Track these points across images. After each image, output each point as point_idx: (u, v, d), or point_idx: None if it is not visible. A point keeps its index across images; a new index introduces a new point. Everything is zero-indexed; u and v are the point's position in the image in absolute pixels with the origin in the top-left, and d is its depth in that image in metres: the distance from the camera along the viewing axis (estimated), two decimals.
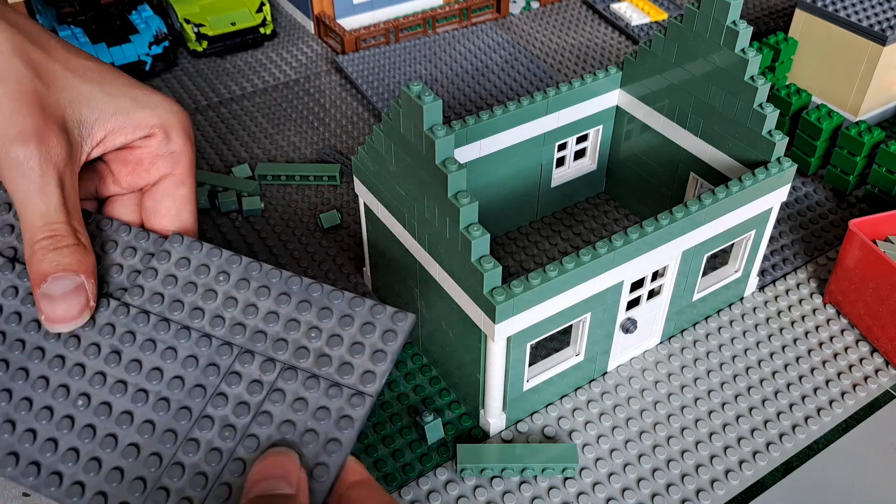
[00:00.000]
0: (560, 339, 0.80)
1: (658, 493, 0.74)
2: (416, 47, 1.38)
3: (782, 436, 0.79)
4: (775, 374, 0.84)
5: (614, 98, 0.97)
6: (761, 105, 0.80)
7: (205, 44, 1.36)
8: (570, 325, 0.77)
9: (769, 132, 0.80)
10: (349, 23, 1.45)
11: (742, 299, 0.92)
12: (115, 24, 1.32)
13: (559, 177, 1.02)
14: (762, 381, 0.84)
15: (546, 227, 1.02)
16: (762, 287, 0.94)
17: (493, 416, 0.77)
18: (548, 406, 0.81)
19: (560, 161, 1.01)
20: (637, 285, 0.80)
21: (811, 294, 0.93)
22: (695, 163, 0.91)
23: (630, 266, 0.74)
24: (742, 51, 0.80)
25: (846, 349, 0.87)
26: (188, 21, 1.35)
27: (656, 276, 0.81)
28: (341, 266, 0.96)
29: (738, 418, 0.80)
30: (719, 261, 0.90)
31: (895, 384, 0.84)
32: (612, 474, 0.75)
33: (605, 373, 0.84)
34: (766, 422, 0.80)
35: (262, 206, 1.04)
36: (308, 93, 1.29)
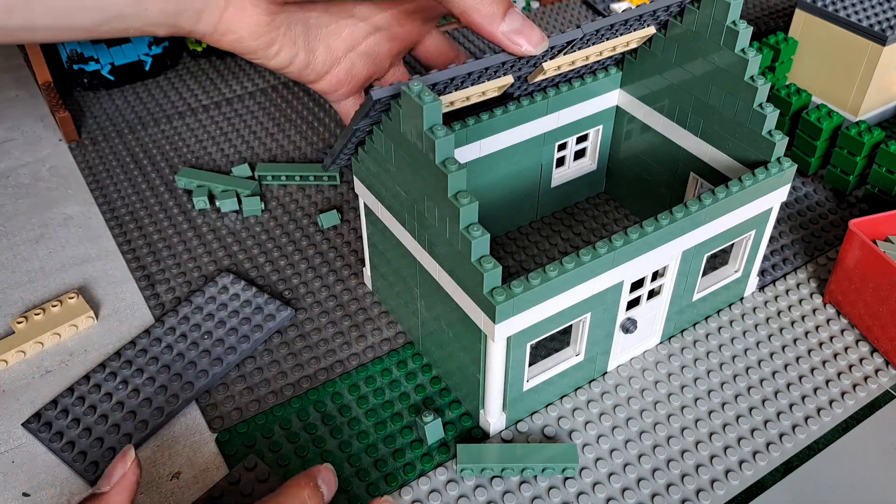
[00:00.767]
0: (560, 339, 0.80)
1: (658, 493, 0.74)
2: None
3: (782, 436, 0.79)
4: (775, 374, 0.84)
5: (614, 98, 0.97)
6: (761, 105, 0.80)
7: (205, 44, 1.36)
8: (570, 325, 0.77)
9: (769, 132, 0.80)
10: None
11: (742, 299, 0.92)
12: None
13: (559, 177, 1.02)
14: (762, 381, 0.84)
15: (546, 227, 1.02)
16: (762, 287, 0.94)
17: (493, 416, 0.77)
18: (548, 406, 0.81)
19: (560, 161, 1.01)
20: (637, 285, 0.80)
21: (811, 294, 0.93)
22: (695, 163, 0.91)
23: (630, 266, 0.74)
24: (742, 51, 0.80)
25: (846, 349, 0.87)
26: None
27: (656, 276, 0.81)
28: (341, 267, 0.96)
29: (738, 418, 0.80)
30: (719, 261, 0.90)
31: (895, 384, 0.84)
32: (612, 474, 0.75)
33: (605, 373, 0.84)
34: (766, 422, 0.80)
35: (263, 206, 1.04)
36: (308, 93, 1.29)
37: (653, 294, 0.83)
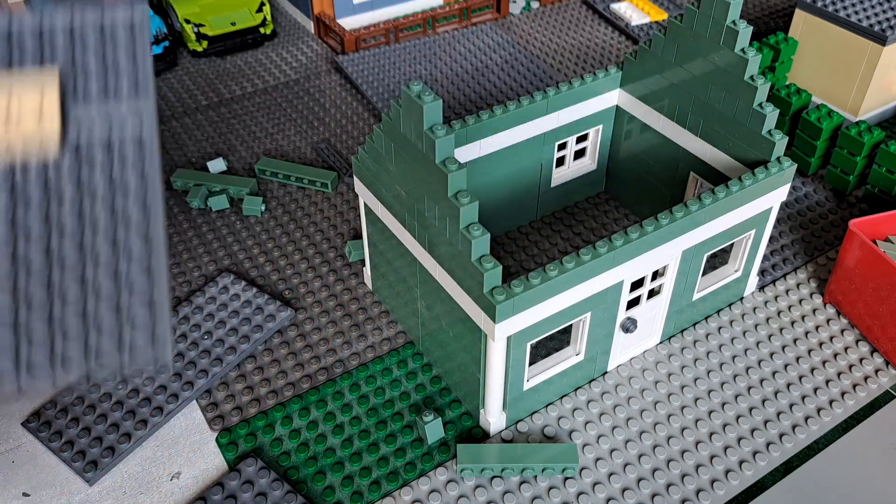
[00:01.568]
0: (560, 339, 0.80)
1: (658, 493, 0.74)
2: (416, 47, 1.38)
3: (782, 436, 0.79)
4: (775, 374, 0.84)
5: (614, 98, 0.97)
6: (761, 105, 0.80)
7: (205, 44, 1.36)
8: (570, 325, 0.77)
9: (769, 132, 0.81)
10: (349, 23, 1.45)
11: (742, 299, 0.92)
12: None
13: (559, 176, 1.02)
14: (762, 380, 0.84)
15: (546, 227, 1.02)
16: (762, 287, 0.94)
17: (493, 416, 0.77)
18: (548, 406, 0.81)
19: (560, 161, 1.01)
20: (637, 285, 0.80)
21: (811, 294, 0.93)
22: (695, 162, 0.91)
23: (630, 265, 0.74)
24: (742, 51, 0.80)
25: (846, 349, 0.87)
26: (188, 21, 1.35)
27: (656, 275, 0.81)
28: (341, 267, 0.96)
29: (738, 418, 0.80)
30: (719, 260, 0.90)
31: (895, 384, 0.84)
32: (612, 474, 0.75)
33: (605, 372, 0.84)
34: (766, 422, 0.80)
35: (264, 207, 1.04)
36: (308, 93, 1.29)
37: (653, 293, 0.83)
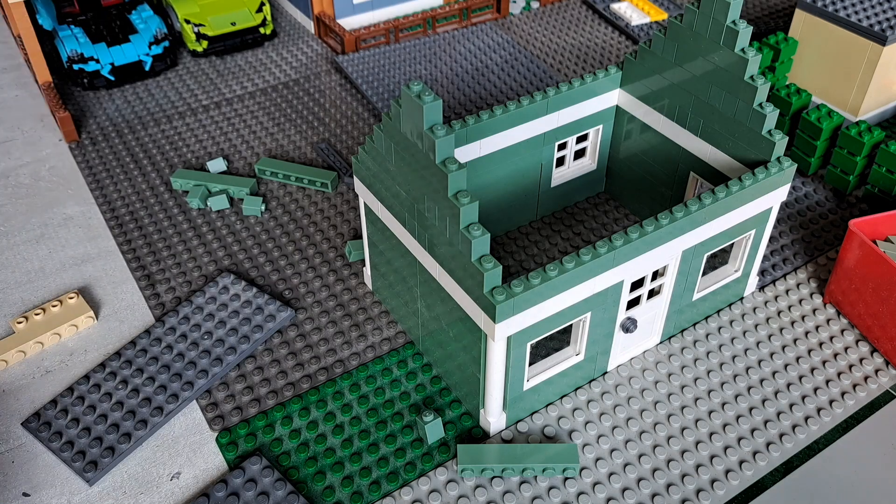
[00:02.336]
0: (560, 339, 0.80)
1: (658, 493, 0.74)
2: (416, 47, 1.38)
3: (782, 436, 0.79)
4: (775, 374, 0.84)
5: (614, 98, 0.97)
6: (761, 105, 0.80)
7: (205, 44, 1.36)
8: (570, 325, 0.77)
9: (769, 132, 0.80)
10: (349, 23, 1.45)
11: (742, 299, 0.92)
12: (114, 24, 1.32)
13: (559, 176, 1.02)
14: (762, 380, 0.84)
15: (546, 227, 1.02)
16: (762, 287, 0.94)
17: (494, 416, 0.77)
18: (548, 406, 0.81)
19: (560, 161, 1.01)
20: (637, 285, 0.80)
21: (811, 294, 0.93)
22: (695, 162, 0.91)
23: (630, 265, 0.74)
24: (742, 50, 0.80)
25: (846, 349, 0.87)
26: (188, 21, 1.35)
27: (656, 275, 0.81)
28: (341, 267, 0.96)
29: (738, 418, 0.80)
30: (719, 260, 0.90)
31: (895, 384, 0.84)
32: (612, 474, 0.75)
33: (605, 372, 0.84)
34: (766, 422, 0.80)
35: (264, 207, 1.04)
36: (308, 93, 1.29)
37: (653, 293, 0.83)
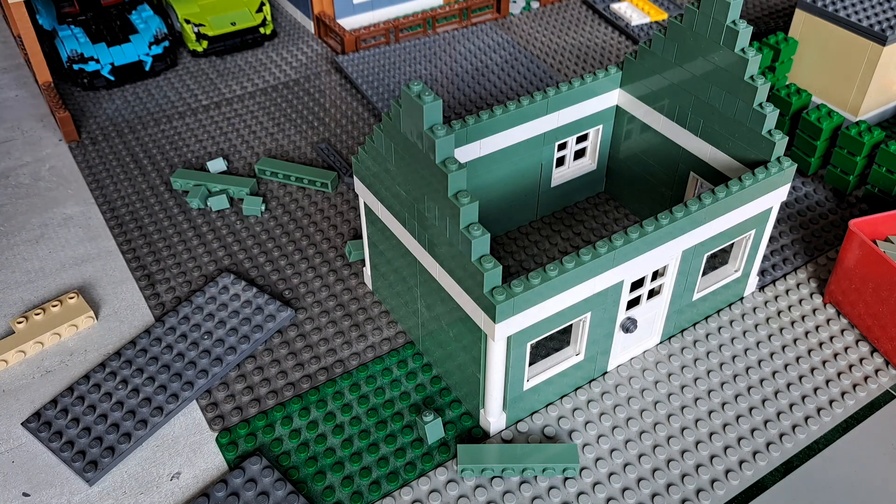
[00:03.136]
0: (560, 339, 0.80)
1: (658, 493, 0.74)
2: (416, 47, 1.38)
3: (782, 436, 0.79)
4: (775, 374, 0.84)
5: (614, 98, 0.97)
6: (761, 105, 0.80)
7: (205, 44, 1.36)
8: (570, 325, 0.77)
9: (769, 132, 0.80)
10: (349, 23, 1.45)
11: (742, 299, 0.92)
12: (114, 24, 1.32)
13: (559, 176, 1.02)
14: (762, 380, 0.84)
15: (546, 227, 1.02)
16: (762, 287, 0.94)
17: (494, 416, 0.77)
18: (548, 406, 0.81)
19: (560, 161, 1.01)
20: (637, 285, 0.80)
21: (811, 294, 0.93)
22: (695, 162, 0.91)
23: (630, 265, 0.74)
24: (742, 50, 0.80)
25: (846, 349, 0.87)
26: (188, 21, 1.35)
27: (656, 275, 0.81)
28: (341, 267, 0.96)
29: (738, 418, 0.80)
30: (719, 260, 0.90)
31: (895, 384, 0.84)
32: (612, 474, 0.75)
33: (605, 372, 0.84)
34: (766, 422, 0.80)
35: (264, 207, 1.04)
36: (308, 93, 1.29)
37: (653, 293, 0.83)
